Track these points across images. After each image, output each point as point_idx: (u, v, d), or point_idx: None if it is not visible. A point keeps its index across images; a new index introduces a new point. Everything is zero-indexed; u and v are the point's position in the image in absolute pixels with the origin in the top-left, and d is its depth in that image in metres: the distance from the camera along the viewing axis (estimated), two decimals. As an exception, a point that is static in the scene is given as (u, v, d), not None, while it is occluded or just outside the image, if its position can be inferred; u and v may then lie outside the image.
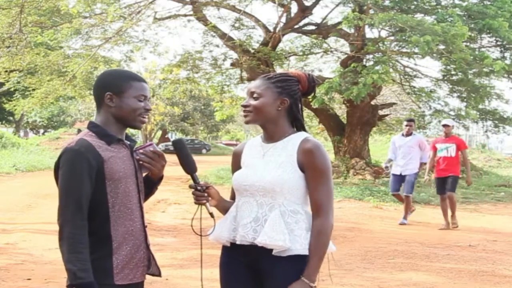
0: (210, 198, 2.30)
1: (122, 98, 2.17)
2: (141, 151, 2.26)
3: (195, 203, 2.28)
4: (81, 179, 2.04)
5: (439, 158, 8.90)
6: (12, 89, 23.21)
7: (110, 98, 2.17)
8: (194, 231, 2.29)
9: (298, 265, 2.20)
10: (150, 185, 2.33)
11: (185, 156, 2.27)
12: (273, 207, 2.21)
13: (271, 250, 2.18)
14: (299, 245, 2.19)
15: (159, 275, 2.28)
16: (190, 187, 2.27)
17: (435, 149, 8.98)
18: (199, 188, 2.26)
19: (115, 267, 2.10)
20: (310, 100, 12.93)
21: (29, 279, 5.21)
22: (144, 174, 2.31)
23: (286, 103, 2.28)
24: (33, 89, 20.15)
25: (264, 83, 2.29)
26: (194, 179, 2.27)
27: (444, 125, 9.06)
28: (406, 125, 9.20)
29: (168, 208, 10.74)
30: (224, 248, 2.35)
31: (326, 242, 2.19)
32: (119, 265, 2.11)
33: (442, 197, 8.88)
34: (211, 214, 2.26)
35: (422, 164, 9.13)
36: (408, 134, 9.11)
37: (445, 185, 8.80)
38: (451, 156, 8.77)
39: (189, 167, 2.27)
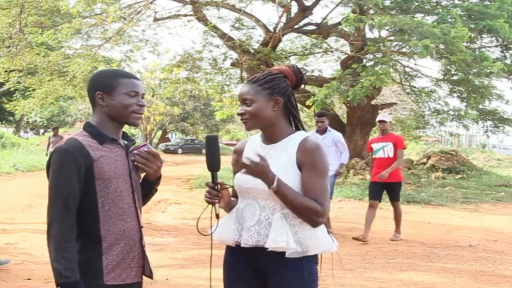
0: (222, 200, 2.29)
1: (112, 96, 2.17)
2: (135, 151, 2.25)
3: (206, 201, 2.27)
4: (69, 178, 2.04)
5: (374, 160, 7.63)
6: (12, 89, 23.23)
7: (101, 98, 2.17)
8: (199, 231, 2.29)
9: (303, 265, 2.20)
10: (147, 186, 2.32)
11: (214, 154, 2.28)
12: (275, 210, 2.21)
13: (276, 251, 2.18)
14: (305, 247, 2.19)
15: (150, 276, 2.26)
16: (207, 185, 2.27)
17: (371, 150, 7.72)
18: (216, 187, 2.26)
19: (105, 267, 2.09)
20: (311, 105, 12.94)
21: (29, 279, 5.21)
22: (142, 175, 2.30)
23: (280, 102, 2.28)
24: (33, 89, 20.14)
25: (252, 88, 2.28)
26: (213, 177, 2.28)
27: (380, 121, 7.62)
28: (318, 121, 7.88)
29: (168, 208, 10.74)
30: (228, 247, 2.36)
31: (307, 208, 2.15)
32: (109, 265, 2.10)
33: (373, 204, 7.57)
34: (217, 215, 2.25)
35: (341, 165, 7.91)
36: (322, 131, 7.85)
37: (380, 192, 7.63)
38: (388, 156, 7.45)
39: (213, 165, 2.27)
